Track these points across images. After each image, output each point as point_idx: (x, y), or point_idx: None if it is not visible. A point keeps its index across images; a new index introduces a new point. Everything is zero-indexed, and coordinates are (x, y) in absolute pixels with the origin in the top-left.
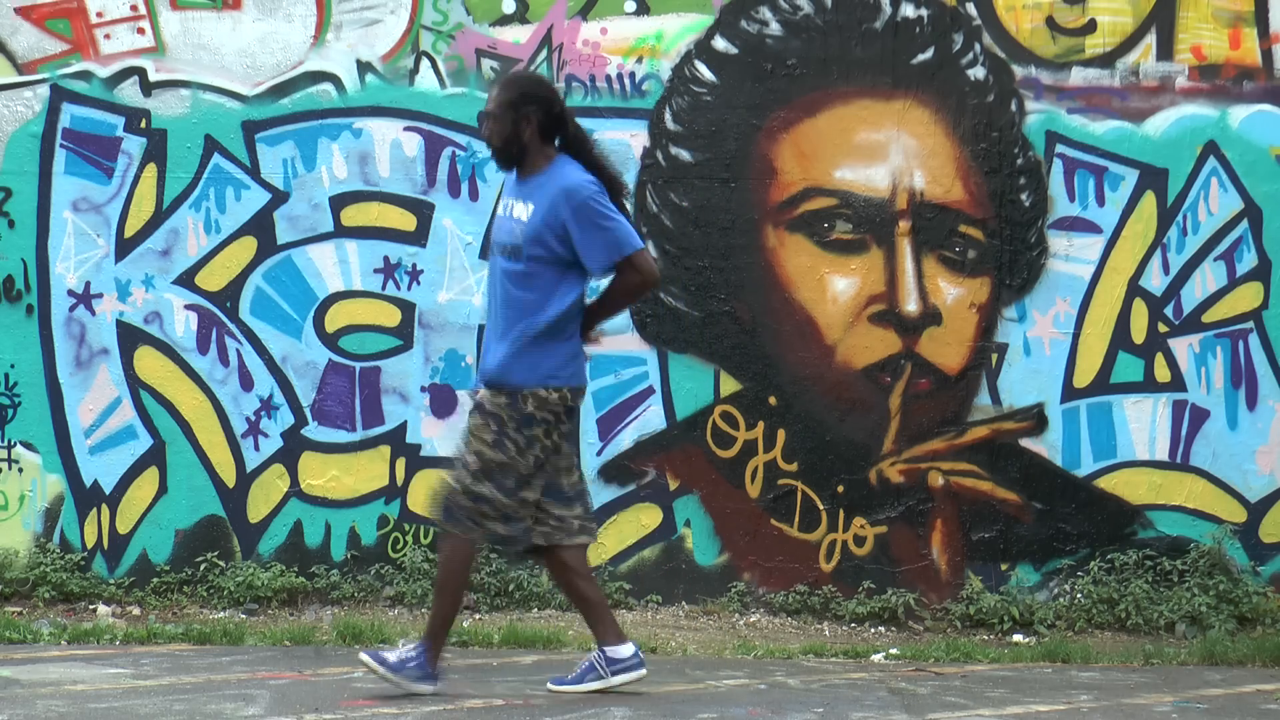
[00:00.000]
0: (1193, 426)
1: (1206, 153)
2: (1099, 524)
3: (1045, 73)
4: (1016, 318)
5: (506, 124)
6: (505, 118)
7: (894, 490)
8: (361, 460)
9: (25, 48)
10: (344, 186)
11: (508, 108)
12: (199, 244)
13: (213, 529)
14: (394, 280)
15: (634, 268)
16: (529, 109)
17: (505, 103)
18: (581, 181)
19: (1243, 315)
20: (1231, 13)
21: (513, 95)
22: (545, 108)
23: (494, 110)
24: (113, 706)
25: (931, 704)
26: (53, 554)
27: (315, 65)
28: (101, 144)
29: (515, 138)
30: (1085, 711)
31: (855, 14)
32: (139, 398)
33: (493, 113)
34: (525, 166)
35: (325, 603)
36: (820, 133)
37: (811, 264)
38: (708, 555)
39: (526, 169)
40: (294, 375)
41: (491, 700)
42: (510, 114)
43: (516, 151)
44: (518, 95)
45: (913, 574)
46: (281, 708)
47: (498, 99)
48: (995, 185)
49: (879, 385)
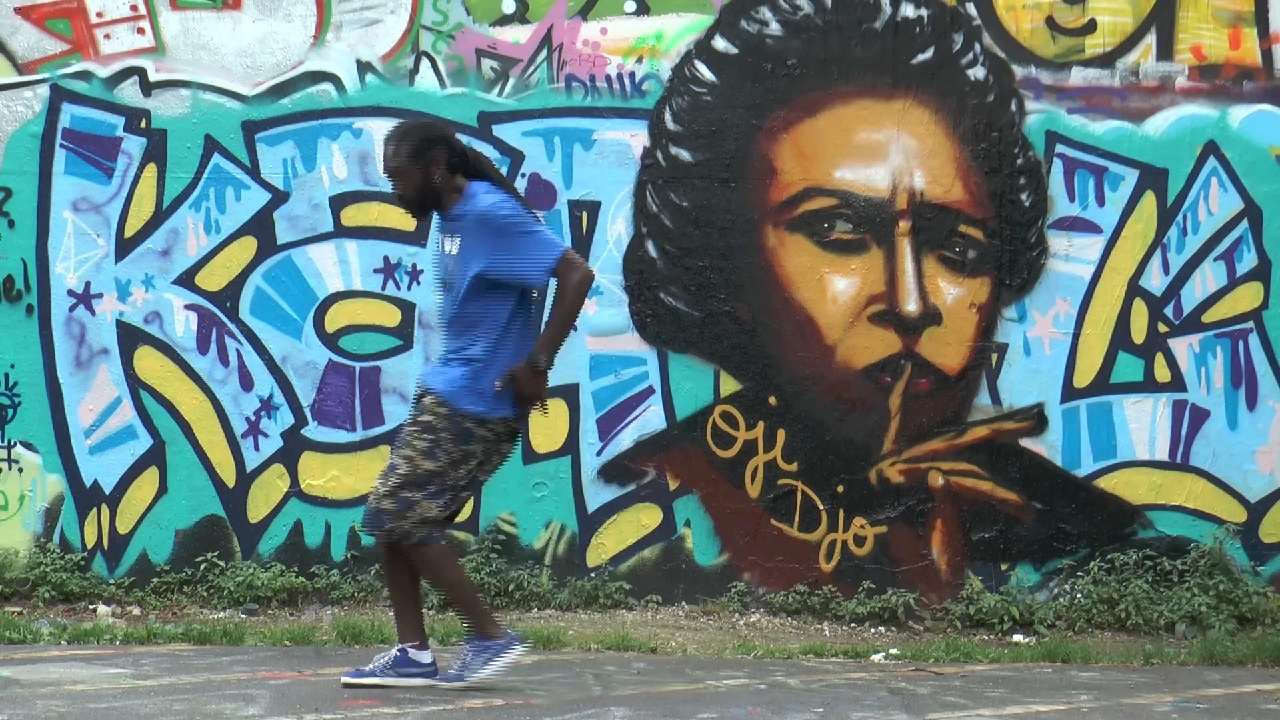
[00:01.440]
0: (1193, 426)
1: (1206, 153)
2: (1099, 524)
3: (1045, 73)
4: (1016, 318)
5: (417, 175)
6: (414, 169)
7: (894, 490)
8: (361, 460)
9: (25, 48)
10: (344, 186)
11: (414, 158)
12: (199, 244)
13: (213, 529)
14: (394, 280)
15: (571, 265)
16: (434, 152)
17: (409, 154)
18: (495, 203)
19: (1243, 315)
20: (1231, 13)
21: (414, 144)
22: (447, 145)
23: (401, 166)
24: (113, 706)
25: (931, 704)
26: (53, 554)
27: (315, 65)
28: (101, 144)
29: (429, 185)
30: (1085, 711)
31: (855, 14)
32: (139, 398)
33: (400, 169)
34: (444, 204)
35: (325, 603)
36: (820, 133)
37: (811, 264)
38: (708, 555)
39: (445, 205)
40: (294, 375)
41: (491, 700)
42: (418, 164)
43: (432, 198)
44: (419, 142)
45: (913, 574)
46: (281, 708)
47: (399, 153)
48: (995, 185)
49: (879, 385)
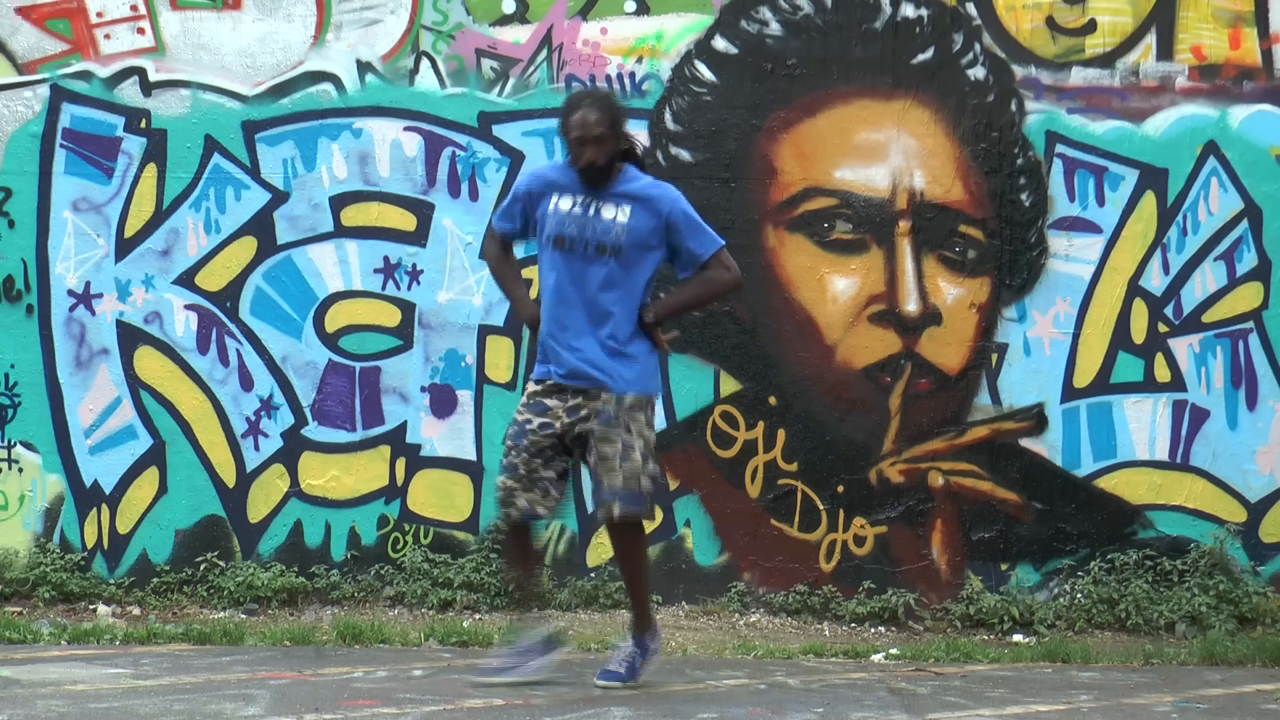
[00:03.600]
0: (1193, 426)
1: (1206, 153)
2: (1099, 524)
3: (1045, 73)
4: (1016, 318)
5: (613, 144)
6: (610, 138)
7: (894, 490)
8: (361, 460)
9: (25, 48)
10: (344, 186)
11: (612, 128)
12: (199, 244)
13: (213, 529)
14: (394, 280)
15: (723, 264)
16: (622, 124)
17: (611, 123)
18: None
19: (1243, 315)
20: (1231, 13)
21: (615, 115)
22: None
23: (605, 133)
24: (113, 706)
25: (931, 704)
26: (53, 554)
27: (315, 65)
28: (101, 144)
29: (615, 156)
30: (1085, 711)
31: (855, 14)
32: (139, 398)
33: (603, 135)
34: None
35: (325, 603)
36: (820, 133)
37: (811, 264)
38: (708, 555)
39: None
40: (294, 375)
41: (491, 700)
42: (613, 134)
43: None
44: (618, 114)
45: (913, 574)
46: (281, 708)
47: (601, 120)
48: (995, 185)
49: (879, 385)
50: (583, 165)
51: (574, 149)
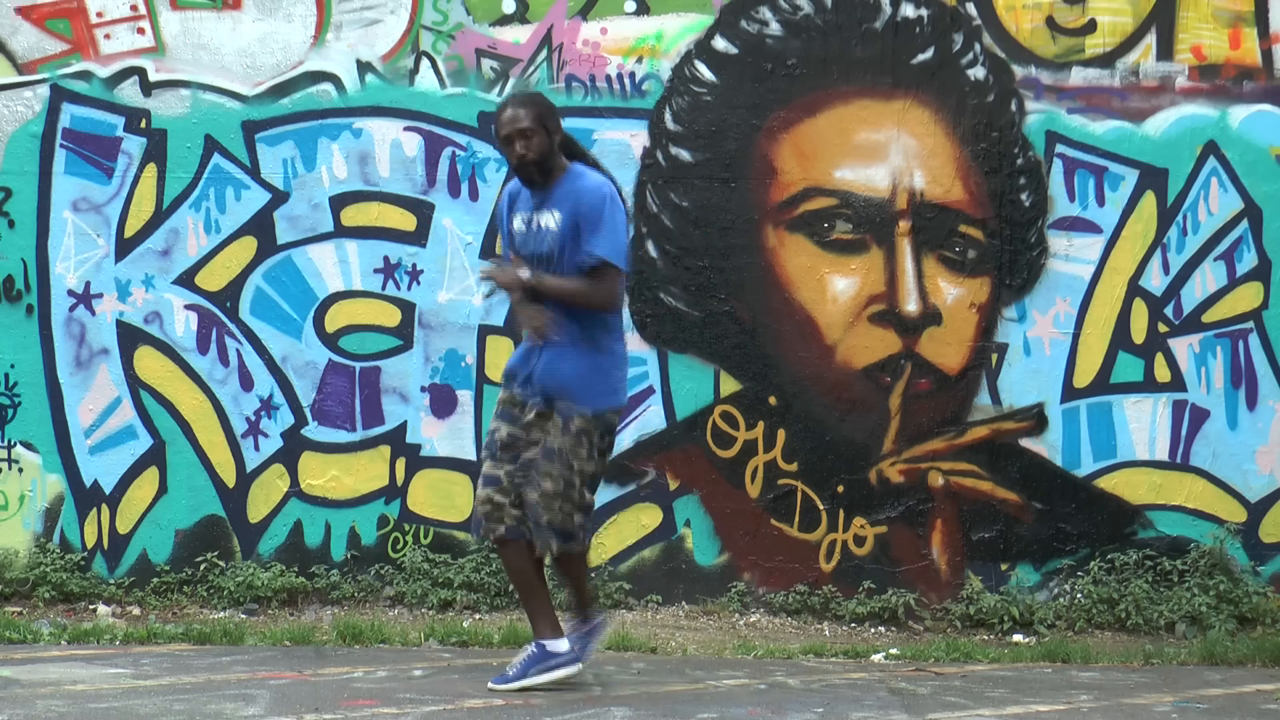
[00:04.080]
0: (1193, 426)
1: (1206, 153)
2: (1099, 524)
3: (1045, 73)
4: (1016, 318)
5: (542, 138)
6: (538, 131)
7: (894, 490)
8: (361, 460)
9: (25, 48)
10: (344, 186)
11: (539, 121)
12: (199, 244)
13: (213, 529)
14: (394, 280)
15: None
16: (553, 122)
17: (537, 117)
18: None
19: (1243, 315)
20: (1231, 13)
21: (540, 109)
22: (558, 120)
23: (532, 125)
24: (113, 706)
25: (931, 704)
26: (53, 554)
27: (315, 65)
28: (101, 144)
29: (551, 151)
30: (1085, 711)
31: (855, 14)
32: (139, 398)
33: (531, 128)
34: (550, 178)
35: (325, 603)
36: (820, 133)
37: (811, 264)
38: (708, 555)
39: (550, 180)
40: (294, 375)
41: (491, 700)
42: (542, 127)
43: (549, 166)
44: (544, 109)
45: (913, 574)
46: (281, 708)
47: (530, 114)
48: (995, 185)
49: (879, 385)
50: (515, 163)
51: (505, 149)
